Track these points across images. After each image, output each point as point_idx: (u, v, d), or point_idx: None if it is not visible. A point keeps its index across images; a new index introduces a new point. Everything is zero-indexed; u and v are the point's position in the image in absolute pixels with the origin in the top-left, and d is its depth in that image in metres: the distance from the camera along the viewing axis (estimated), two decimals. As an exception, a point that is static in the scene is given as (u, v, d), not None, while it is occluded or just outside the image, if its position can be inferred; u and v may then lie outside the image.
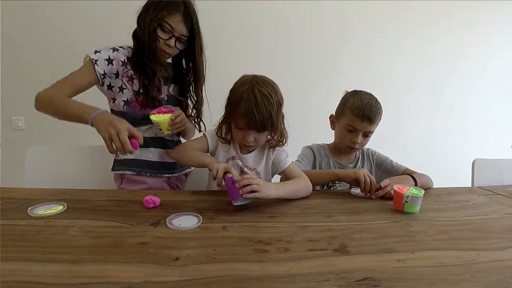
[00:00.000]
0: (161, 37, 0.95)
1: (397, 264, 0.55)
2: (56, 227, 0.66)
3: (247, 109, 0.83)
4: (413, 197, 0.81)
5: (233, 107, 0.87)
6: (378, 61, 2.24)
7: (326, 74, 2.19)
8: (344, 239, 0.64)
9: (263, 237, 0.64)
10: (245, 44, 2.07)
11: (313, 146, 1.19)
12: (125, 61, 0.98)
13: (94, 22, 1.88)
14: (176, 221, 0.69)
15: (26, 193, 0.86)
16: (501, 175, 1.22)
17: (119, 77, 0.98)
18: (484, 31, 2.31)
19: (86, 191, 0.89)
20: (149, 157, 1.06)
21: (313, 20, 2.12)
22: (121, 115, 0.97)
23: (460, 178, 1.31)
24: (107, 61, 0.95)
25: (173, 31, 0.95)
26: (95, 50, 0.95)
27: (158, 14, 0.92)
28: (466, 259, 0.58)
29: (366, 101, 1.03)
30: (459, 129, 2.45)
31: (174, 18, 0.93)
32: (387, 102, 2.41)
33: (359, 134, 1.05)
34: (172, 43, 0.96)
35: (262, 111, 0.83)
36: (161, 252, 0.57)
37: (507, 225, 0.76)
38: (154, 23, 0.92)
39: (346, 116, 1.06)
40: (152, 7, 0.93)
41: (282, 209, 0.82)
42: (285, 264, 0.54)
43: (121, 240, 0.61)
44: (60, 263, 0.52)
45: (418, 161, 1.24)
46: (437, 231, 0.70)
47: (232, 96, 0.89)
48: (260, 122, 0.84)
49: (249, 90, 0.85)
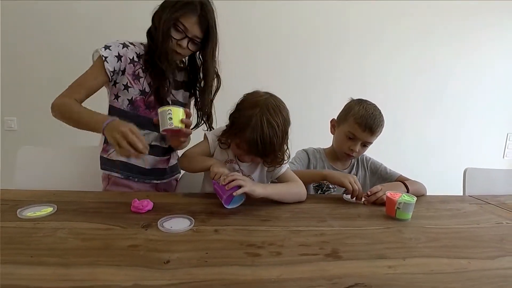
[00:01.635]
0: (174, 37, 0.92)
1: (389, 271, 0.55)
2: (45, 229, 0.64)
3: (252, 139, 0.81)
4: (405, 204, 0.81)
5: (239, 131, 0.84)
6: (371, 68, 2.26)
7: (324, 78, 2.19)
8: (336, 244, 0.64)
9: (255, 240, 0.64)
10: (245, 46, 2.08)
11: (309, 150, 1.19)
12: (134, 58, 0.96)
13: (89, 22, 1.88)
14: (168, 224, 0.69)
15: (16, 195, 0.84)
16: (492, 184, 1.24)
17: (125, 74, 0.96)
18: (478, 40, 2.35)
19: (77, 192, 0.88)
20: (140, 163, 1.03)
21: (313, 23, 2.13)
22: (122, 114, 0.95)
23: (452, 186, 1.33)
24: (117, 58, 0.93)
25: (186, 31, 0.92)
26: (105, 46, 0.93)
27: (173, 14, 0.90)
28: (457, 267, 0.59)
29: (370, 111, 1.04)
30: (452, 137, 2.48)
31: (190, 19, 0.91)
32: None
33: (358, 143, 1.05)
34: (184, 44, 0.94)
35: (266, 142, 0.81)
36: (151, 255, 0.56)
37: (498, 235, 0.76)
38: (169, 22, 0.90)
39: (348, 123, 1.06)
40: (169, 7, 0.91)
41: (275, 212, 0.82)
42: (276, 268, 0.54)
43: (111, 243, 0.60)
44: (48, 266, 0.51)
45: (411, 168, 1.25)
46: (429, 239, 0.71)
47: (240, 117, 0.85)
48: (261, 152, 0.83)
49: (257, 116, 0.81)
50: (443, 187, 1.43)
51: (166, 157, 1.10)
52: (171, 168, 1.12)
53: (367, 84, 2.24)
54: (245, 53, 2.08)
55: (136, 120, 0.92)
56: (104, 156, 1.01)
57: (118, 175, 1.01)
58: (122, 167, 1.01)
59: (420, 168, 1.95)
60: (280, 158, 0.90)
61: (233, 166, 0.96)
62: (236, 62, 2.01)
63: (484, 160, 2.47)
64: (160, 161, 1.07)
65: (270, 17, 2.09)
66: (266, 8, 2.06)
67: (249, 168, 0.97)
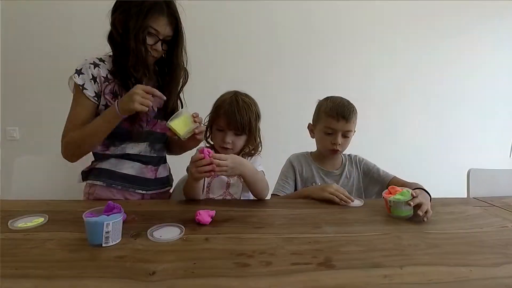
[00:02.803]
0: (148, 43, 0.90)
1: (384, 281, 0.53)
2: (34, 240, 0.64)
3: (229, 110, 0.93)
4: (395, 202, 0.81)
5: (216, 109, 0.97)
6: (371, 68, 2.24)
7: (321, 80, 2.17)
8: (329, 252, 0.62)
9: (246, 249, 0.62)
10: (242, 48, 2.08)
11: (292, 157, 1.19)
12: (108, 76, 0.93)
13: (89, 29, 1.89)
14: (158, 233, 0.67)
15: (10, 205, 0.84)
16: (497, 185, 1.19)
17: (103, 95, 0.93)
18: (478, 37, 2.32)
19: (69, 202, 0.88)
20: (123, 169, 0.98)
21: (304, 25, 2.12)
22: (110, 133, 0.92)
23: (456, 188, 1.29)
24: (93, 81, 0.91)
25: (159, 34, 0.90)
26: (76, 71, 0.91)
27: (144, 21, 0.86)
28: (458, 276, 0.56)
29: (338, 101, 1.08)
30: (455, 137, 2.43)
31: (160, 21, 0.89)
32: (380, 110, 2.42)
33: (338, 135, 1.06)
34: (159, 47, 0.92)
35: (242, 114, 0.93)
36: (137, 266, 0.55)
37: (503, 239, 0.73)
38: (144, 30, 0.87)
39: (321, 120, 1.09)
40: (134, 13, 0.86)
41: (268, 219, 0.80)
42: (265, 279, 0.52)
43: (98, 254, 0.59)
44: (32, 278, 0.51)
45: (412, 170, 1.22)
46: (428, 245, 0.68)
47: (216, 102, 1.00)
48: (239, 123, 0.93)
49: (232, 97, 0.97)
50: (447, 189, 1.39)
51: (154, 167, 1.05)
52: (160, 180, 1.07)
53: (364, 84, 2.22)
54: (245, 54, 2.08)
55: (125, 134, 0.94)
56: (84, 170, 1.01)
57: (100, 183, 0.96)
58: (104, 174, 0.97)
59: (422, 170, 1.91)
60: (255, 146, 1.02)
61: (222, 178, 1.00)
62: (231, 64, 2.03)
63: (490, 160, 2.41)
64: (145, 169, 1.02)
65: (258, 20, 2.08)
66: (263, 9, 2.06)
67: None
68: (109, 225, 0.61)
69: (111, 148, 0.98)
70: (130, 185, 0.99)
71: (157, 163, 1.06)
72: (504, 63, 2.39)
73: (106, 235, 0.61)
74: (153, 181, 1.04)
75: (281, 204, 0.94)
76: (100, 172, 0.97)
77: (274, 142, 1.67)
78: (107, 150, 0.98)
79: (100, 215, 0.64)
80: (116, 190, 0.98)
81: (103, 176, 0.97)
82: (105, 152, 0.98)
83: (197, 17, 1.83)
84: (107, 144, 0.98)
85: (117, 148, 0.98)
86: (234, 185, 1.03)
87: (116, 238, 0.63)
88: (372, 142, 1.98)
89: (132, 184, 0.99)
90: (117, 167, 0.98)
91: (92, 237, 0.62)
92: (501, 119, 2.46)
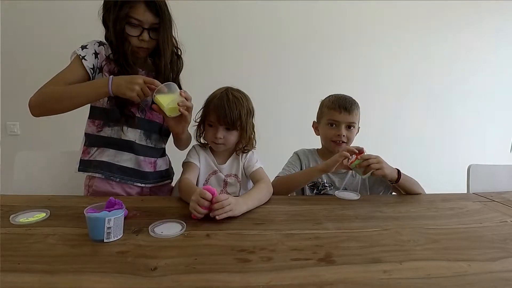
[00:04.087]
0: (132, 34, 0.87)
1: (383, 276, 0.53)
2: (36, 235, 0.64)
3: (219, 105, 0.93)
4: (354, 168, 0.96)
5: (207, 104, 0.98)
6: (372, 66, 2.23)
7: (323, 78, 2.17)
8: (330, 248, 0.62)
9: (247, 245, 0.62)
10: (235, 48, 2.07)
11: (299, 151, 1.20)
12: (110, 57, 0.93)
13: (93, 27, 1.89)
14: (159, 229, 0.68)
15: (12, 200, 0.85)
16: (497, 181, 1.20)
17: (103, 72, 0.92)
18: (479, 34, 2.30)
19: (71, 197, 0.88)
20: (121, 161, 0.97)
21: (307, 24, 2.11)
22: (103, 112, 0.94)
23: (456, 183, 1.29)
24: (94, 55, 0.91)
25: (142, 24, 0.86)
26: (81, 46, 0.91)
27: (120, 12, 0.84)
28: (457, 271, 0.56)
29: (339, 95, 1.11)
30: (455, 133, 2.43)
31: (138, 9, 0.85)
32: (382, 107, 2.42)
33: (341, 126, 1.07)
34: (146, 37, 0.88)
35: (232, 108, 0.92)
36: (139, 261, 0.55)
37: (502, 234, 0.73)
38: (122, 22, 0.85)
39: (324, 114, 1.11)
40: (111, 5, 0.85)
41: (269, 215, 0.80)
42: (266, 274, 0.52)
43: (99, 249, 0.59)
44: (34, 273, 0.51)
45: (414, 166, 1.22)
46: (428, 240, 0.68)
47: (207, 98, 1.00)
48: (229, 117, 0.92)
49: (223, 92, 0.97)
50: (448, 185, 1.39)
51: (152, 159, 1.03)
52: (159, 173, 1.06)
53: (366, 82, 2.22)
54: (245, 54, 2.07)
55: (117, 116, 0.93)
56: (85, 158, 0.98)
57: (100, 175, 0.95)
58: (102, 166, 0.96)
59: (423, 165, 1.91)
60: (249, 141, 1.01)
61: (219, 176, 1.03)
62: (233, 62, 2.01)
63: (491, 156, 2.41)
64: (143, 162, 1.00)
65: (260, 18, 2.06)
66: (266, 8, 2.04)
67: (231, 169, 1.05)
68: (111, 220, 0.61)
69: (105, 128, 0.96)
70: (129, 178, 0.98)
71: (154, 156, 1.04)
72: (504, 60, 2.38)
73: (108, 230, 0.61)
74: (151, 174, 1.03)
75: (282, 201, 0.94)
76: (99, 164, 0.96)
77: (276, 140, 1.69)
78: (101, 131, 0.96)
79: (101, 211, 0.64)
80: (115, 183, 0.97)
81: (102, 169, 0.96)
82: (99, 134, 0.96)
83: (199, 16, 1.83)
84: (101, 124, 0.96)
85: (111, 129, 0.95)
86: (231, 185, 1.03)
87: (117, 234, 0.63)
88: (373, 138, 1.98)
89: (131, 177, 0.99)
90: (116, 159, 0.97)
91: (94, 232, 0.62)
92: (501, 116, 2.46)
